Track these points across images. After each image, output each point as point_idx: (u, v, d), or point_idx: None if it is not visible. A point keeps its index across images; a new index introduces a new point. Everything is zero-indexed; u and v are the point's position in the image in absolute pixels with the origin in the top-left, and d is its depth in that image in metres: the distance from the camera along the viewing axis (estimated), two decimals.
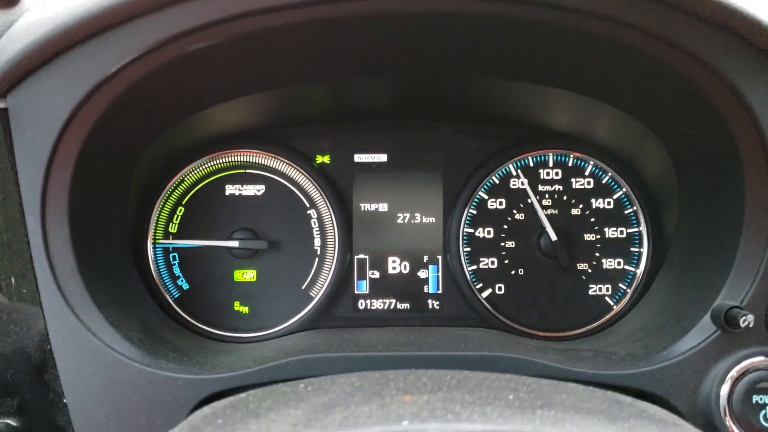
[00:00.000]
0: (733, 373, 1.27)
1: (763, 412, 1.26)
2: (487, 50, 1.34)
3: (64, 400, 1.23)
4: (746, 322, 1.23)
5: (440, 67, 1.43)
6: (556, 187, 1.74)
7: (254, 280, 1.72)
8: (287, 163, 1.73)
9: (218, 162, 1.73)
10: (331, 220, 1.73)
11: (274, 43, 1.23)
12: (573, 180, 1.74)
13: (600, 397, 0.89)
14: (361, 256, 1.77)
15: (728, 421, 1.26)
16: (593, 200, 1.74)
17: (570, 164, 1.75)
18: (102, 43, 1.15)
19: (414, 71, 1.47)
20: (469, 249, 1.74)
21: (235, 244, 1.69)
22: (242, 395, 0.95)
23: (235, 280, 1.72)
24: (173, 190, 1.70)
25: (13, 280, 1.26)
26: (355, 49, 1.33)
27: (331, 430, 0.74)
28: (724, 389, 1.27)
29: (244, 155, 1.73)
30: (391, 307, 1.76)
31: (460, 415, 0.76)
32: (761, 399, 1.26)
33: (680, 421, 0.87)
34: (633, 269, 1.72)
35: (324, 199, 1.73)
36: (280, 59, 1.32)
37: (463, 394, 0.83)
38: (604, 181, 1.74)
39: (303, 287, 1.73)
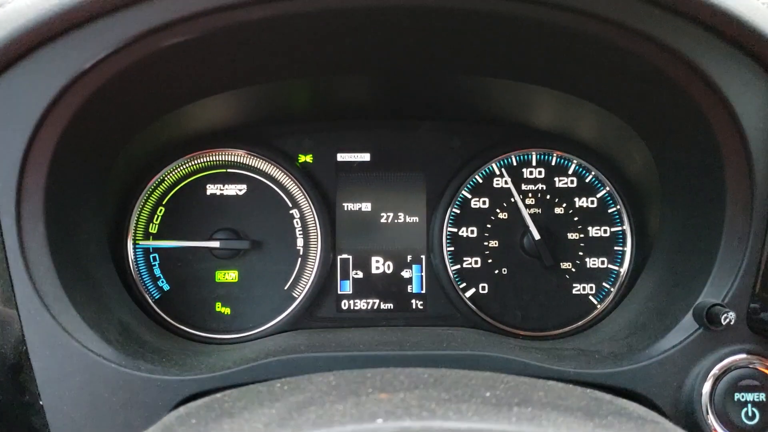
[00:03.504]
0: (715, 370, 1.27)
1: (744, 409, 1.26)
2: (466, 47, 1.33)
3: (40, 402, 1.21)
4: (728, 320, 1.23)
5: (420, 64, 1.43)
6: (540, 186, 1.74)
7: (236, 280, 1.70)
8: (269, 163, 1.72)
9: (199, 161, 1.71)
10: (314, 219, 1.72)
11: (249, 39, 1.22)
12: (556, 179, 1.74)
13: (578, 394, 0.88)
14: (345, 256, 1.75)
15: (710, 419, 1.26)
16: (576, 199, 1.73)
17: (553, 163, 1.74)
18: (74, 40, 1.13)
19: (394, 68, 1.46)
20: (452, 248, 1.73)
21: (216, 244, 1.67)
22: (218, 395, 0.93)
23: (217, 280, 1.70)
24: (153, 190, 1.68)
25: None
26: (332, 45, 1.32)
27: (304, 429, 0.73)
28: (706, 387, 1.27)
29: (225, 154, 1.71)
30: (375, 307, 1.75)
31: (435, 412, 0.74)
32: (743, 396, 1.26)
33: (659, 418, 0.86)
34: (617, 268, 1.72)
35: (307, 199, 1.72)
36: (255, 55, 1.31)
37: (440, 391, 0.82)
38: (587, 180, 1.74)
39: (285, 288, 1.71)
